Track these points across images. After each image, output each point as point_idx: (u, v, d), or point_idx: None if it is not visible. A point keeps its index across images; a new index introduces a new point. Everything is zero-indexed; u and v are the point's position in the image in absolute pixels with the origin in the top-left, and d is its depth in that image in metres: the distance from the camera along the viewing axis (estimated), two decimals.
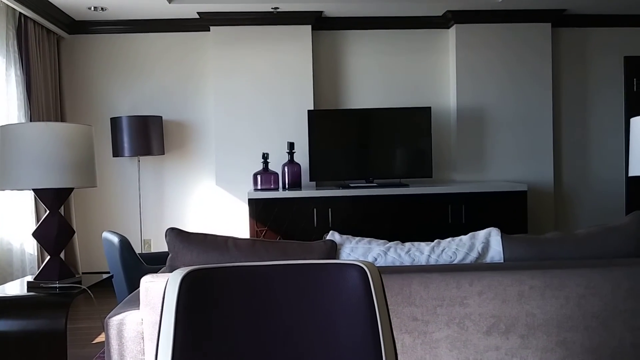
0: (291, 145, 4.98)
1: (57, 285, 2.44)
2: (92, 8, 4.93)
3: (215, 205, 5.37)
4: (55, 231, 2.46)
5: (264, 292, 1.26)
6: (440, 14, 5.43)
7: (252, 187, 5.21)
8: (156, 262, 3.81)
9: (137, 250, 5.41)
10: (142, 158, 5.46)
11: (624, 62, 5.75)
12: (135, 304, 1.99)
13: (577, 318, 1.91)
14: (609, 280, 1.91)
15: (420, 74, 5.60)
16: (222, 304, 1.25)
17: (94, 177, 2.49)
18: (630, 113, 5.72)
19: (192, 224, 5.52)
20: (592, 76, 5.75)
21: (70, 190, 2.49)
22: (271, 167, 5.27)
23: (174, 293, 1.24)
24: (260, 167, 5.30)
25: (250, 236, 4.76)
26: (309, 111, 5.09)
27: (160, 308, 1.29)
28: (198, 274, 1.26)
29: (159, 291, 1.84)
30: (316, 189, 4.91)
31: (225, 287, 1.26)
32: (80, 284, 2.48)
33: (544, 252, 2.06)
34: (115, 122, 5.12)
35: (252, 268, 1.26)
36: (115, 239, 3.37)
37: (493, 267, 1.93)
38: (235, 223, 5.30)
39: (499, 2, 5.01)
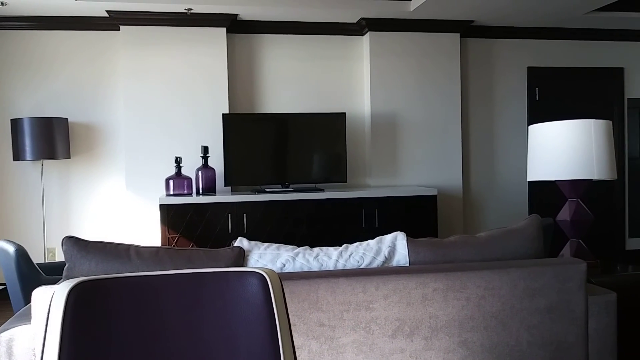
0: (205, 150, 4.88)
1: None
2: None
3: (126, 211, 5.17)
4: None
5: (157, 304, 1.20)
6: (355, 21, 5.51)
7: (164, 192, 5.07)
8: (58, 273, 3.61)
9: (41, 260, 5.12)
10: (45, 162, 5.17)
11: (527, 72, 6.07)
12: (27, 318, 1.87)
13: (477, 318, 1.97)
14: (506, 282, 1.99)
15: (335, 79, 5.65)
16: (113, 317, 1.18)
17: None
18: (532, 121, 6.04)
19: (101, 232, 5.28)
20: (498, 85, 6.03)
21: None
22: (185, 171, 5.15)
23: (60, 307, 1.16)
24: (173, 171, 5.16)
25: (162, 243, 4.62)
26: (223, 115, 5.01)
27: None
28: (87, 286, 1.19)
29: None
30: (231, 194, 4.83)
31: (117, 299, 1.19)
32: None
33: (447, 255, 2.12)
34: (15, 123, 4.82)
35: (144, 278, 1.20)
36: (10, 249, 3.16)
37: (398, 270, 1.96)
38: (146, 230, 5.13)
39: (411, 11, 5.14)
